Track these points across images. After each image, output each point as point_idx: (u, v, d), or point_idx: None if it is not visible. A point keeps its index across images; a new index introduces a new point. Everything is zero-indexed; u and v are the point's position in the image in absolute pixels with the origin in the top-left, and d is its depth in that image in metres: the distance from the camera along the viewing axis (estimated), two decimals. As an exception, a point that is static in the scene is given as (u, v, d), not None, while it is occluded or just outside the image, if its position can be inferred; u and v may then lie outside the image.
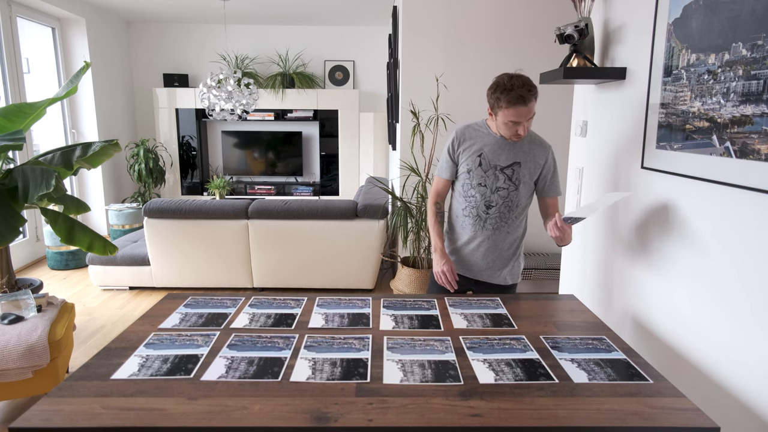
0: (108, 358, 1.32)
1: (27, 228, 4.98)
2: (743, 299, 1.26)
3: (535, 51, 3.81)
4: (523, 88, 1.73)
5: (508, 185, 1.92)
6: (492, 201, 1.93)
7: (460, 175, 1.98)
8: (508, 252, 2.00)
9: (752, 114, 1.20)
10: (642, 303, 1.73)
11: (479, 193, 1.94)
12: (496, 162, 1.92)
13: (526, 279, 3.79)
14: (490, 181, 1.93)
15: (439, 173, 2.05)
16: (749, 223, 1.24)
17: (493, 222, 1.95)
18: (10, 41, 4.58)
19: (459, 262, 2.04)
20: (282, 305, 1.71)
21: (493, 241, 1.97)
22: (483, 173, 1.93)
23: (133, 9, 5.81)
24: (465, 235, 2.00)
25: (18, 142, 2.76)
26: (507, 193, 1.93)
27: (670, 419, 1.07)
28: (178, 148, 6.61)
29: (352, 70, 6.75)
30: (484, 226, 1.96)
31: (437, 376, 1.24)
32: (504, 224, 1.96)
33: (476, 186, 1.94)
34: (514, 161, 1.92)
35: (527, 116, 1.79)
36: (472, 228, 1.98)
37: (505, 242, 1.99)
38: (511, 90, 1.74)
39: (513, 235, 1.99)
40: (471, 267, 2.02)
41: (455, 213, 2.03)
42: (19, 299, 2.52)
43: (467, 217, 1.98)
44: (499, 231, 1.96)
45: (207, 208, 3.84)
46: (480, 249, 1.99)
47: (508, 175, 1.92)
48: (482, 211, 1.95)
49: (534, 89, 1.76)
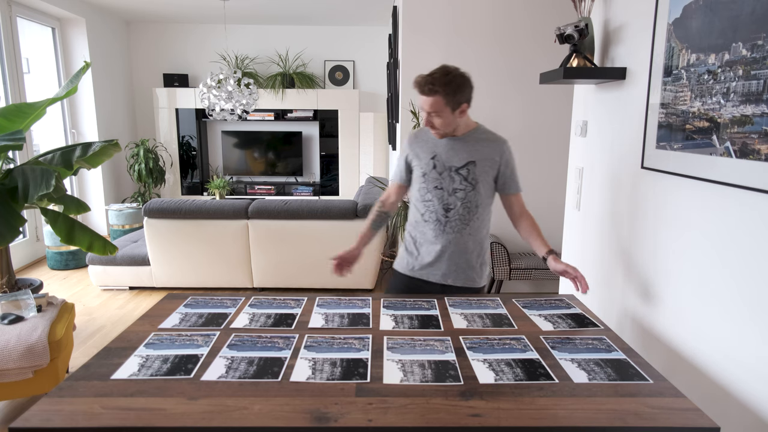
0: (108, 358, 1.32)
1: (27, 228, 4.98)
2: (743, 299, 1.26)
3: (535, 51, 3.81)
4: (428, 78, 1.73)
5: (465, 186, 1.87)
6: (450, 203, 1.88)
7: (416, 180, 1.94)
8: (472, 254, 1.94)
9: (752, 114, 1.20)
10: (642, 303, 1.73)
11: (436, 197, 1.89)
12: (450, 163, 1.87)
13: (526, 279, 3.79)
14: (446, 184, 1.88)
15: (393, 178, 2.03)
16: (749, 223, 1.24)
17: (454, 225, 1.89)
18: (10, 41, 4.58)
19: (424, 269, 1.96)
20: (282, 305, 1.71)
21: (456, 245, 1.91)
22: (438, 175, 1.88)
23: (133, 9, 5.81)
24: (427, 242, 1.94)
25: (18, 142, 2.76)
26: (465, 194, 1.87)
27: (670, 419, 1.07)
28: (178, 148, 6.61)
29: (352, 70, 6.75)
30: (444, 230, 1.90)
31: (437, 376, 1.24)
32: (465, 226, 1.90)
33: (433, 190, 1.89)
34: (469, 160, 1.87)
35: (429, 108, 1.77)
36: (433, 233, 1.92)
37: (468, 244, 1.92)
38: (424, 75, 1.75)
39: (476, 236, 1.93)
40: (436, 273, 1.95)
41: (415, 220, 1.98)
42: (19, 299, 2.52)
43: (428, 223, 1.92)
44: (461, 234, 1.90)
45: (207, 208, 3.84)
46: (444, 254, 1.92)
47: (463, 176, 1.87)
48: (441, 215, 1.89)
49: (437, 86, 1.73)
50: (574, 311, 1.68)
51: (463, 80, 1.76)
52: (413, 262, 1.98)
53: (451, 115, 1.78)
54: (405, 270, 2.01)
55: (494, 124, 3.90)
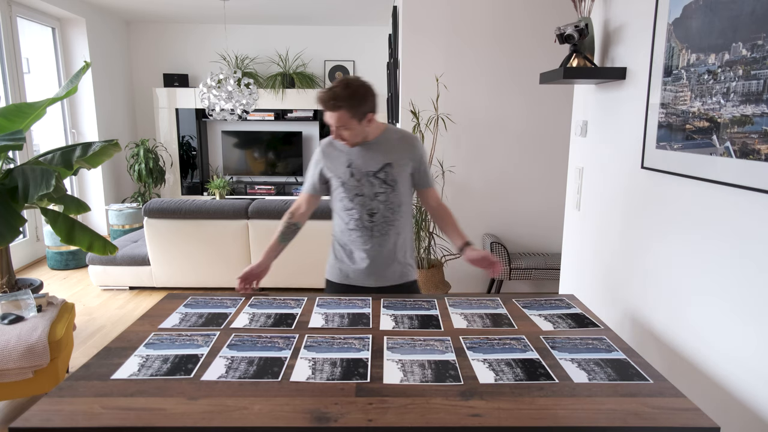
0: (108, 358, 1.32)
1: (27, 228, 4.98)
2: (743, 299, 1.26)
3: (535, 51, 3.81)
4: (330, 94, 1.71)
5: (385, 188, 1.88)
6: (373, 208, 1.89)
7: (335, 191, 1.94)
8: (402, 250, 1.98)
9: (752, 114, 1.20)
10: (642, 303, 1.73)
11: (358, 204, 1.90)
12: (366, 168, 1.88)
13: (526, 279, 3.79)
14: (366, 189, 1.88)
15: (304, 189, 2.00)
16: (749, 223, 1.24)
17: (381, 228, 1.91)
18: (10, 41, 4.58)
19: (359, 276, 1.97)
20: (282, 305, 1.71)
21: (386, 246, 1.93)
22: (357, 182, 1.88)
23: (133, 9, 5.81)
24: (357, 249, 1.95)
25: (18, 142, 2.76)
26: (386, 196, 1.89)
27: (670, 419, 1.07)
28: (178, 148, 6.60)
29: (352, 70, 6.75)
30: (372, 235, 1.92)
31: (437, 376, 1.24)
32: (391, 227, 1.92)
33: (354, 197, 1.90)
34: (385, 163, 1.87)
35: (336, 123, 1.75)
36: (361, 240, 1.92)
37: (398, 242, 1.95)
38: (327, 90, 1.73)
39: (403, 233, 1.97)
40: (371, 277, 1.96)
41: (341, 230, 1.97)
42: (19, 299, 2.52)
43: (354, 230, 1.93)
44: (388, 235, 1.92)
45: (207, 208, 3.84)
46: (377, 257, 1.94)
47: (382, 179, 1.88)
48: (367, 221, 1.91)
49: (341, 101, 1.70)
50: (574, 311, 1.68)
51: (366, 91, 1.75)
52: (346, 270, 1.99)
53: (358, 126, 1.78)
54: (339, 279, 2.01)
55: (494, 125, 3.90)
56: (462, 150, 3.93)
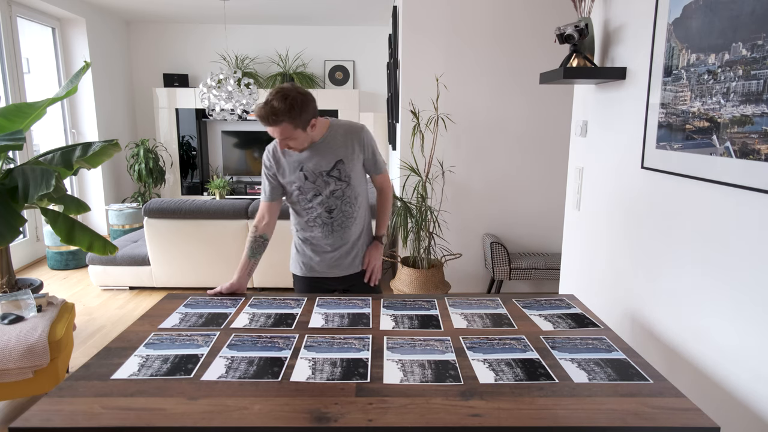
0: (108, 358, 1.32)
1: (27, 228, 4.98)
2: (743, 299, 1.26)
3: (535, 51, 3.81)
4: (269, 109, 1.67)
5: (340, 185, 1.92)
6: (331, 205, 1.93)
7: (292, 194, 1.95)
8: (363, 239, 2.06)
9: (752, 114, 1.20)
10: (642, 303, 1.73)
11: (316, 203, 1.93)
12: (319, 169, 1.89)
13: (526, 279, 3.79)
14: (322, 188, 1.91)
15: (262, 199, 2.00)
16: (749, 224, 1.24)
17: (341, 222, 1.96)
18: (10, 41, 4.58)
19: (324, 268, 2.02)
20: (282, 305, 1.71)
21: (347, 238, 2.00)
22: (312, 184, 1.90)
23: (133, 9, 5.81)
24: (320, 243, 1.99)
25: (18, 142, 2.76)
26: (342, 192, 1.93)
27: (670, 419, 1.07)
28: (178, 148, 6.60)
29: (352, 70, 6.75)
30: (333, 230, 1.96)
31: (437, 376, 1.24)
32: (351, 219, 1.98)
33: (312, 198, 1.93)
34: (336, 160, 1.89)
35: (280, 136, 1.74)
36: (323, 235, 1.97)
37: (358, 232, 2.03)
38: (264, 105, 1.69)
39: (361, 222, 2.03)
40: (336, 268, 2.02)
41: (301, 227, 2.01)
42: (19, 299, 2.52)
43: (315, 227, 1.97)
44: (348, 228, 1.98)
45: (207, 208, 3.84)
46: (339, 249, 2.00)
47: (336, 177, 1.90)
48: (326, 218, 1.95)
49: (280, 115, 1.68)
50: (574, 311, 1.68)
51: (304, 98, 1.73)
52: (310, 263, 2.04)
53: (303, 134, 1.78)
54: (304, 272, 2.06)
55: (494, 125, 3.90)
56: (462, 150, 3.93)
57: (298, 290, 2.11)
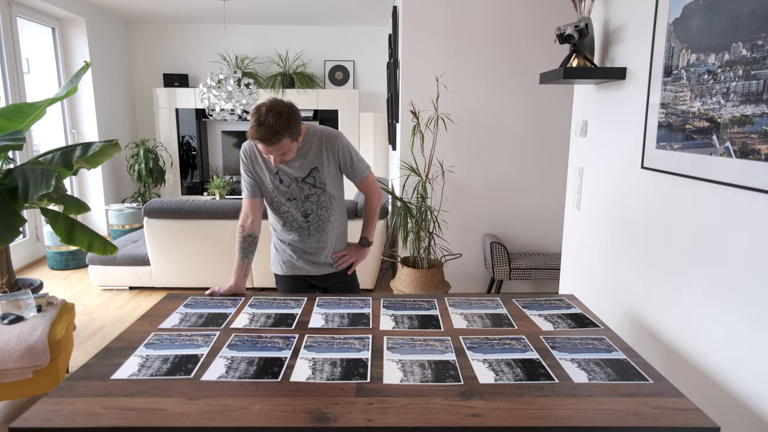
0: (108, 358, 1.32)
1: (27, 228, 4.98)
2: (743, 299, 1.26)
3: (535, 51, 3.81)
4: (268, 129, 1.66)
5: (315, 191, 1.94)
6: (307, 209, 1.96)
7: (268, 194, 1.97)
8: (339, 241, 2.09)
9: (752, 114, 1.20)
10: (642, 303, 1.73)
11: (292, 206, 1.96)
12: (294, 175, 1.91)
13: (526, 279, 3.79)
14: (297, 193, 1.93)
15: (244, 196, 2.01)
16: (749, 223, 1.24)
17: (316, 226, 1.99)
18: (10, 41, 4.58)
19: (302, 265, 2.06)
20: (282, 305, 1.71)
21: (324, 241, 2.02)
22: (287, 188, 1.93)
23: (133, 9, 5.81)
24: (297, 244, 2.03)
25: (18, 142, 2.76)
26: (317, 197, 1.95)
27: (670, 419, 1.07)
28: (178, 148, 6.60)
29: (352, 70, 6.75)
30: (309, 233, 2.00)
31: (437, 376, 1.24)
32: (327, 223, 2.01)
33: (287, 201, 1.95)
34: (312, 168, 1.90)
35: (279, 153, 1.75)
36: (299, 237, 2.01)
37: (335, 235, 2.06)
38: (260, 126, 1.67)
39: (337, 225, 2.06)
40: (313, 266, 2.06)
41: (279, 228, 2.04)
42: (19, 299, 2.52)
43: (291, 230, 2.01)
44: (325, 231, 2.01)
45: (207, 208, 3.84)
46: (316, 250, 2.03)
47: (311, 183, 1.92)
48: (302, 222, 1.98)
49: (282, 132, 1.68)
50: (574, 311, 1.68)
51: (292, 110, 1.74)
52: (289, 261, 2.07)
53: (296, 145, 1.81)
54: (284, 271, 2.10)
55: (494, 125, 3.90)
56: (462, 150, 3.93)
57: (281, 289, 2.13)
